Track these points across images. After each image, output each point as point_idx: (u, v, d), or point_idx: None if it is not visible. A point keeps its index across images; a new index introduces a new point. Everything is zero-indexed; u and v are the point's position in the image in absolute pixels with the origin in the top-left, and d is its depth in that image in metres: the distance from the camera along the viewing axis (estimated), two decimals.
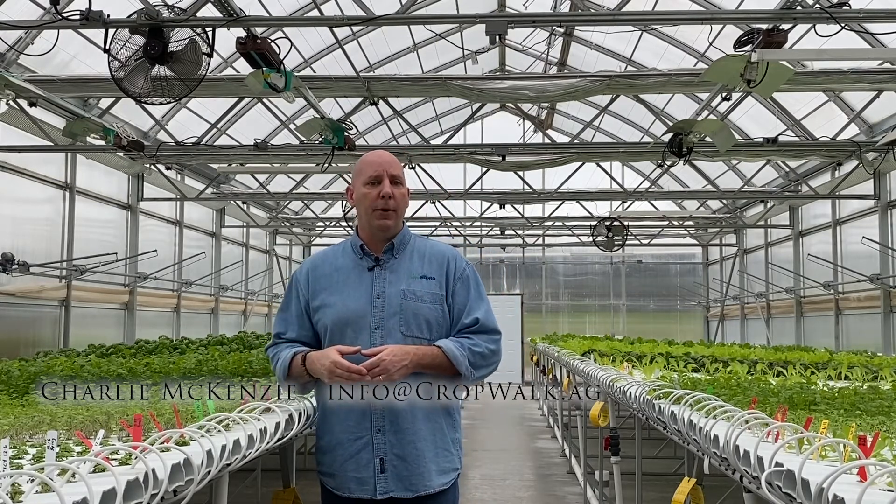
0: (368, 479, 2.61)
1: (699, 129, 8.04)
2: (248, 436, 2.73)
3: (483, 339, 2.69)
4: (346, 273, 2.74)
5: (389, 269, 2.73)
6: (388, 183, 2.70)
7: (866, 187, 11.50)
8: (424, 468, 2.63)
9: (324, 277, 2.76)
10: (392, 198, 2.70)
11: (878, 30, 8.77)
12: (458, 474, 2.77)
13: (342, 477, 2.65)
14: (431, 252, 2.78)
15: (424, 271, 2.72)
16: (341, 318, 2.68)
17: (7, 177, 9.14)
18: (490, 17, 6.57)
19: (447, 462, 2.69)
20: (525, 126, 17.09)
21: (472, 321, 2.70)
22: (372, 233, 2.75)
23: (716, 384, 4.28)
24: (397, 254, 2.75)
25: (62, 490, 1.72)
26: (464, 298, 2.73)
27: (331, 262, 2.80)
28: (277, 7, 10.44)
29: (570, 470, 8.79)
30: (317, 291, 2.75)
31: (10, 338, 9.14)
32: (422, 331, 2.66)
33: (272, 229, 18.60)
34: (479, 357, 2.66)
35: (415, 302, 2.67)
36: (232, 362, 4.93)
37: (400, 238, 2.77)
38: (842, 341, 12.63)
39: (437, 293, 2.70)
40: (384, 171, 2.71)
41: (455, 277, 2.74)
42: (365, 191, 2.72)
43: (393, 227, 2.74)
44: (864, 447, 2.11)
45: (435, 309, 2.69)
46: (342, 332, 2.67)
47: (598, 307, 21.41)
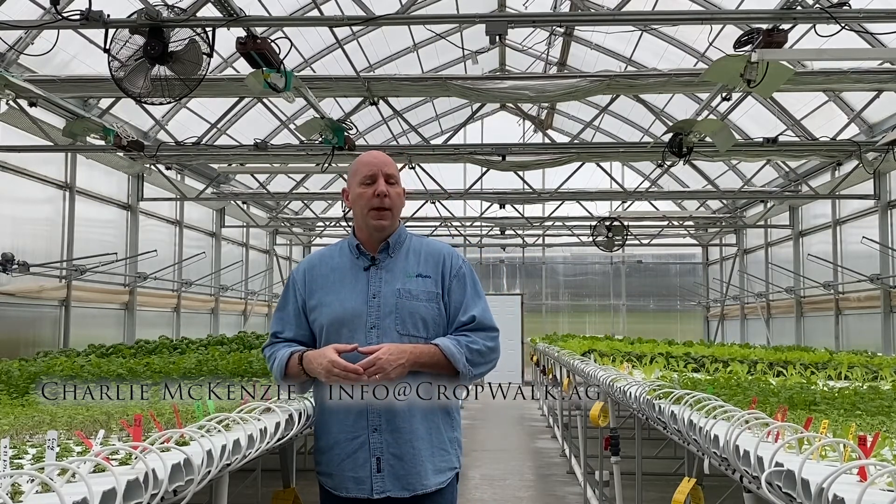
0: (365, 479, 2.61)
1: (699, 129, 8.05)
2: (248, 436, 2.73)
3: (480, 337, 2.68)
4: (342, 273, 2.75)
5: (385, 268, 2.73)
6: (382, 182, 2.71)
7: (866, 187, 11.50)
8: (421, 467, 2.62)
9: (320, 277, 2.77)
10: (387, 196, 2.71)
11: (878, 30, 8.77)
12: (457, 474, 2.76)
13: (340, 476, 2.66)
14: (427, 250, 2.78)
15: (420, 270, 2.73)
16: (337, 317, 2.68)
17: (7, 177, 9.13)
18: (490, 17, 6.58)
19: (444, 461, 2.69)
20: (525, 126, 17.09)
21: (469, 318, 2.69)
22: (368, 232, 2.76)
23: (716, 384, 4.28)
24: (393, 253, 2.76)
25: (62, 490, 1.72)
26: (460, 296, 2.73)
27: (327, 261, 2.81)
28: (277, 7, 10.43)
29: (570, 470, 8.79)
30: (313, 290, 2.76)
31: (10, 338, 9.14)
32: (418, 329, 2.66)
33: (272, 229, 18.60)
34: (477, 354, 2.66)
35: (410, 301, 2.67)
36: (232, 362, 4.93)
37: (396, 237, 2.77)
38: (842, 341, 12.63)
39: (432, 291, 2.70)
40: (379, 170, 2.73)
41: (451, 275, 2.74)
42: (360, 190, 2.73)
43: (389, 226, 2.74)
44: (864, 447, 2.11)
45: (431, 307, 2.69)
46: (338, 331, 2.67)
47: (598, 307, 21.40)
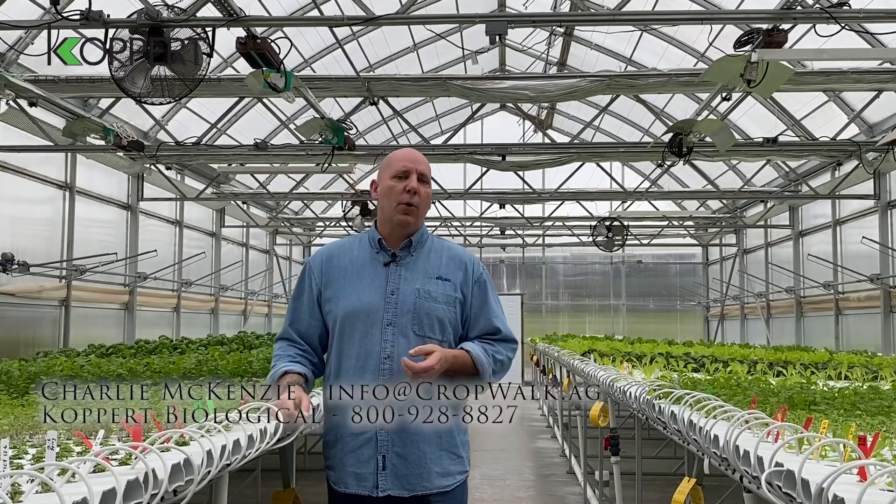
0: (368, 476, 2.60)
1: (699, 129, 8.05)
2: (248, 436, 2.73)
3: (504, 347, 2.78)
4: (361, 265, 2.74)
5: (405, 266, 2.73)
6: (415, 178, 2.71)
7: (866, 187, 11.50)
8: (425, 469, 2.62)
9: (338, 268, 2.76)
10: (417, 194, 2.71)
11: (878, 30, 8.77)
12: (466, 476, 2.75)
13: (342, 471, 2.65)
14: (449, 254, 2.80)
15: (441, 272, 2.73)
16: (354, 310, 2.67)
17: (7, 177, 9.14)
18: (490, 17, 6.58)
19: (452, 464, 2.68)
20: (525, 126, 17.08)
21: (495, 330, 2.77)
22: (392, 228, 2.75)
23: (716, 384, 4.29)
24: (414, 252, 2.75)
25: (62, 490, 1.72)
26: (480, 303, 2.77)
27: (346, 253, 2.79)
28: (277, 7, 10.43)
29: (570, 470, 8.79)
30: (330, 281, 2.75)
31: (10, 338, 9.14)
32: (434, 331, 2.67)
33: (272, 229, 18.60)
34: (500, 364, 2.76)
35: (429, 302, 2.67)
36: (232, 362, 4.94)
37: (418, 236, 2.77)
38: (842, 341, 12.63)
39: (451, 295, 2.71)
40: (414, 167, 2.73)
41: (472, 281, 2.77)
42: (391, 184, 2.72)
43: (414, 223, 2.74)
44: (864, 447, 2.11)
45: (448, 311, 2.70)
46: (353, 325, 2.66)
47: (598, 307, 21.40)
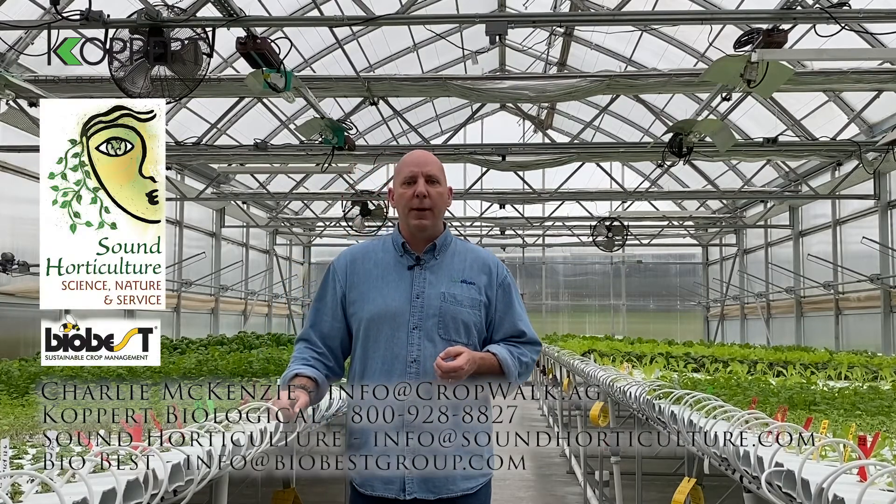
0: (395, 479, 2.61)
1: (699, 129, 8.05)
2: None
3: (528, 350, 2.80)
4: (385, 268, 2.74)
5: (430, 269, 2.73)
6: (423, 182, 2.70)
7: (866, 187, 11.50)
8: (449, 471, 2.64)
9: (363, 271, 2.75)
10: (427, 197, 2.69)
11: (878, 30, 8.76)
12: (490, 478, 2.77)
13: (368, 475, 2.65)
14: (473, 257, 2.79)
15: (465, 276, 2.73)
16: (379, 313, 2.67)
17: (7, 177, 9.14)
18: (490, 17, 6.59)
19: (475, 467, 2.70)
20: (525, 126, 17.07)
21: (520, 333, 2.78)
22: (411, 232, 2.75)
23: (716, 384, 4.29)
24: (438, 255, 2.75)
25: (62, 490, 1.72)
26: (505, 307, 2.77)
27: (371, 255, 2.79)
28: (277, 7, 10.42)
29: (570, 470, 8.79)
30: (354, 283, 2.74)
31: (10, 338, 9.14)
32: (459, 335, 2.67)
33: (272, 229, 18.59)
34: (524, 367, 2.78)
35: (454, 305, 2.68)
36: (232, 362, 4.94)
37: (442, 239, 2.77)
38: (842, 341, 12.62)
39: (476, 298, 2.71)
40: (420, 171, 2.72)
41: (497, 284, 2.77)
42: (401, 191, 2.73)
43: (430, 226, 2.73)
44: (864, 447, 2.11)
45: (473, 314, 2.70)
46: (378, 328, 2.66)
47: (598, 307, 21.40)
